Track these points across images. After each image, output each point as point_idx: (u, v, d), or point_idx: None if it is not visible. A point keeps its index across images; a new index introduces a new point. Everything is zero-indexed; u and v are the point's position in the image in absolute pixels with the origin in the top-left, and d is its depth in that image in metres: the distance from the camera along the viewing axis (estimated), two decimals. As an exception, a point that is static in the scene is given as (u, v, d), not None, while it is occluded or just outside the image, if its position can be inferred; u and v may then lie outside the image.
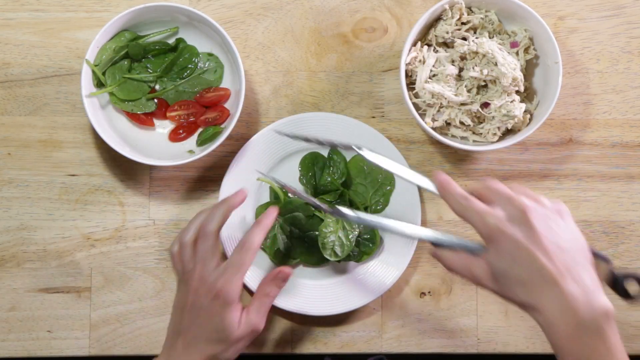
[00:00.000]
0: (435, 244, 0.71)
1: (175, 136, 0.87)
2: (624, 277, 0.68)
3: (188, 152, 0.86)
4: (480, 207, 0.67)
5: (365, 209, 0.87)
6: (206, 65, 0.87)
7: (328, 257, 0.83)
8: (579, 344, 0.62)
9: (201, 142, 0.86)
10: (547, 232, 0.65)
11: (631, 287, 0.68)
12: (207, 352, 0.74)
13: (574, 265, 0.64)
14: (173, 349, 0.75)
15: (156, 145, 0.87)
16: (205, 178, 0.89)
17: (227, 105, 0.88)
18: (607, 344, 0.62)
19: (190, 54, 0.87)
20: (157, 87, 0.88)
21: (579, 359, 0.62)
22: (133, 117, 0.87)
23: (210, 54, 0.87)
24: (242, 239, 0.76)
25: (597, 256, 0.68)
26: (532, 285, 0.64)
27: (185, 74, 0.87)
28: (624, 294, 0.68)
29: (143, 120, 0.87)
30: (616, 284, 0.68)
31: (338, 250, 0.84)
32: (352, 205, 0.87)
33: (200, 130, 0.88)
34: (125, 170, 0.89)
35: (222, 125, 0.87)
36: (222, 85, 0.88)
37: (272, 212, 0.78)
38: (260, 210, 0.87)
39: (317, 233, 0.85)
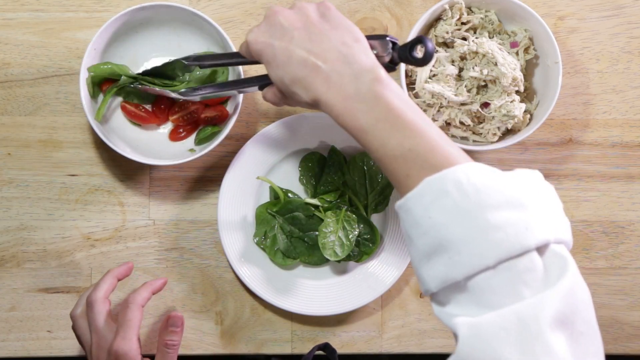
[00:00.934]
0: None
1: (175, 135, 0.87)
2: (407, 46, 0.68)
3: (189, 150, 0.86)
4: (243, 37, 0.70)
5: (366, 209, 0.87)
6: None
7: (328, 257, 0.83)
8: (359, 116, 0.62)
9: (199, 141, 0.86)
10: (302, 25, 0.66)
11: (419, 52, 0.68)
12: None
13: (338, 47, 0.65)
14: None
15: (156, 145, 0.87)
16: (205, 178, 0.89)
17: (226, 104, 0.88)
18: (388, 108, 0.62)
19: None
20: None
21: (366, 128, 0.62)
22: (134, 116, 0.87)
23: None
24: (126, 298, 0.77)
25: (374, 38, 0.69)
26: (301, 79, 0.65)
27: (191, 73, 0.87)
28: (413, 60, 0.68)
29: (145, 119, 0.87)
30: (404, 55, 0.68)
31: (338, 250, 0.84)
32: (352, 205, 0.88)
33: (200, 128, 0.88)
34: (125, 170, 0.89)
35: (221, 125, 0.87)
36: (222, 85, 0.88)
37: (163, 280, 0.81)
38: (260, 210, 0.87)
39: (317, 233, 0.85)
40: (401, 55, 0.69)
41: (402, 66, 0.84)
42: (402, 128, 0.61)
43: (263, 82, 0.74)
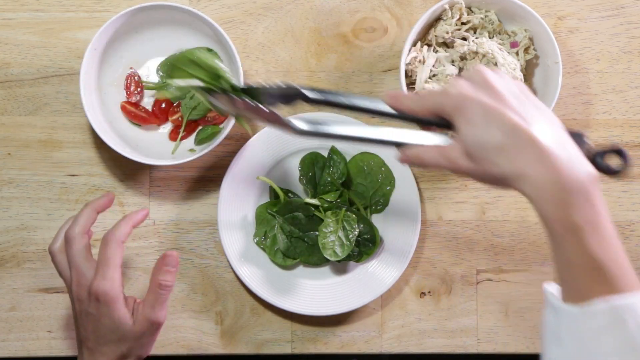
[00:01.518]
0: (400, 146, 0.65)
1: (175, 135, 0.87)
2: (603, 152, 0.64)
3: (189, 150, 0.86)
4: (438, 89, 0.64)
5: (366, 209, 0.87)
6: None
7: (328, 257, 0.83)
8: (565, 207, 0.57)
9: (199, 141, 0.86)
10: (511, 95, 0.61)
11: (612, 161, 0.64)
12: (111, 354, 0.73)
13: (551, 127, 0.60)
14: (80, 358, 0.75)
15: (156, 145, 0.87)
16: (205, 178, 0.89)
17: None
18: (594, 207, 0.57)
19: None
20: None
21: (566, 225, 0.57)
22: (134, 117, 0.87)
23: (209, 49, 0.87)
24: (105, 235, 0.74)
25: (570, 133, 0.63)
26: (510, 148, 0.58)
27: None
28: (607, 170, 0.63)
29: (145, 119, 0.87)
30: (596, 160, 0.64)
31: (338, 250, 0.84)
32: (352, 205, 0.87)
33: (199, 128, 0.88)
34: (125, 170, 0.89)
35: (221, 125, 0.87)
36: (222, 85, 0.88)
37: (143, 211, 0.76)
38: (260, 210, 0.87)
39: (317, 233, 0.85)
40: (591, 158, 0.63)
41: (402, 67, 0.84)
42: (604, 234, 0.57)
43: (397, 141, 0.65)
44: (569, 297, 0.57)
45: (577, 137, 0.63)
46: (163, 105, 0.87)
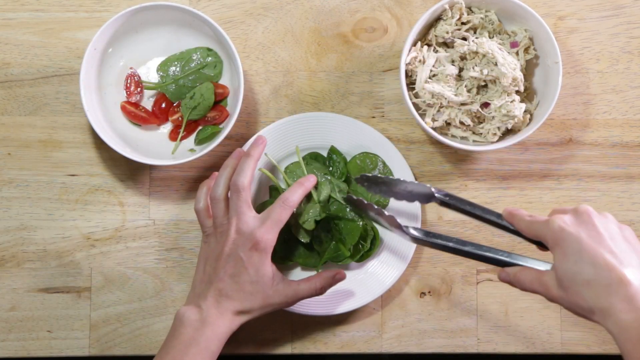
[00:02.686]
0: (504, 265, 0.73)
1: (175, 135, 0.87)
2: None
3: (189, 150, 0.86)
4: (544, 218, 0.69)
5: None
6: (206, 60, 0.87)
7: (307, 228, 0.83)
8: None
9: (199, 141, 0.86)
10: (611, 237, 0.65)
11: None
12: (238, 303, 0.76)
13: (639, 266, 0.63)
14: (202, 297, 0.76)
15: (156, 145, 0.87)
16: (205, 178, 0.89)
17: (226, 104, 0.88)
18: None
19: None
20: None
21: None
22: (134, 117, 0.87)
23: (209, 49, 0.87)
24: (282, 195, 0.79)
25: None
26: (599, 285, 0.63)
27: (186, 68, 0.87)
28: None
29: (145, 119, 0.87)
30: None
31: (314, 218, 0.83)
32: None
33: (199, 128, 0.88)
34: (125, 170, 0.89)
35: (221, 125, 0.87)
36: (222, 84, 0.88)
37: (312, 178, 0.82)
38: (260, 209, 0.87)
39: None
40: None
41: (402, 67, 0.84)
42: None
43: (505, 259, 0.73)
44: None
45: None
46: (163, 105, 0.87)
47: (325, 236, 0.85)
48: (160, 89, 0.87)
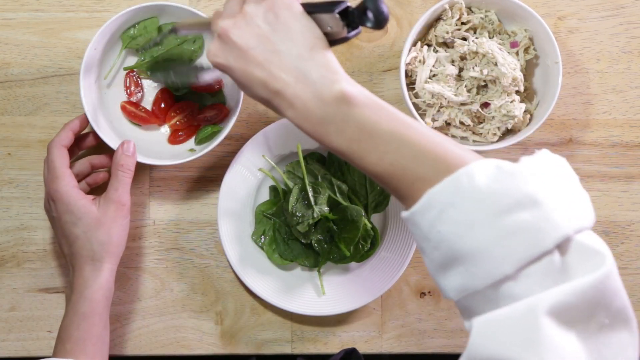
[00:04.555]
0: None
1: (174, 139, 0.87)
2: (358, 9, 0.62)
3: (189, 150, 0.86)
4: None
5: (366, 209, 0.87)
6: (187, 35, 0.87)
7: (300, 230, 0.83)
8: (332, 138, 0.60)
9: (199, 141, 0.86)
10: (256, 42, 0.62)
11: (371, 16, 0.62)
12: (85, 255, 0.77)
13: (295, 64, 0.61)
14: (72, 275, 0.78)
15: (156, 145, 0.87)
16: (205, 178, 0.89)
17: (225, 101, 0.88)
18: (360, 125, 0.59)
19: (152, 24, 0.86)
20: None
21: (343, 150, 0.60)
22: (134, 117, 0.87)
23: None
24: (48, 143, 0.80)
25: (322, 10, 0.62)
26: (267, 101, 0.63)
27: (162, 43, 0.86)
28: (369, 25, 0.62)
29: (145, 119, 0.87)
30: (356, 23, 0.62)
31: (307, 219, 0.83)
32: (352, 203, 0.87)
33: (200, 128, 0.88)
34: (125, 170, 0.89)
35: (221, 125, 0.87)
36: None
37: (80, 117, 0.82)
38: (260, 209, 0.87)
39: (318, 236, 0.85)
40: (353, 23, 0.63)
41: (402, 67, 0.84)
42: (378, 143, 0.58)
43: None
44: (407, 204, 0.58)
45: (330, 12, 0.62)
46: (162, 105, 0.87)
47: (325, 236, 0.85)
48: (139, 68, 0.87)
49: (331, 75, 0.61)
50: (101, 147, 0.84)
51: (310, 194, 0.83)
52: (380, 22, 0.61)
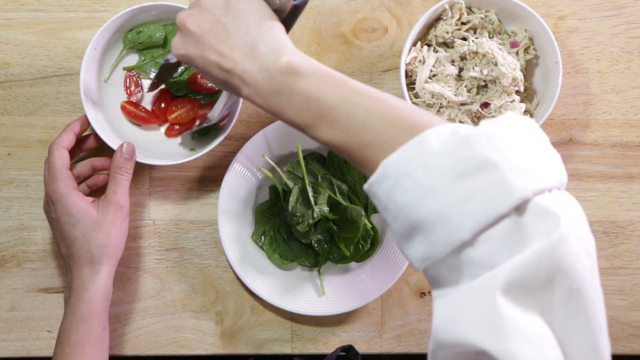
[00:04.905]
0: None
1: (170, 132, 0.87)
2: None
3: (189, 150, 0.86)
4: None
5: (365, 209, 0.87)
6: None
7: (300, 230, 0.83)
8: (284, 111, 0.61)
9: (197, 139, 0.86)
10: (209, 27, 0.63)
11: None
12: (83, 257, 0.77)
13: (243, 41, 0.62)
14: (70, 277, 0.78)
15: (156, 145, 0.87)
16: (205, 178, 0.89)
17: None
18: (307, 95, 0.59)
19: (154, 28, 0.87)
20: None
21: (297, 123, 0.60)
22: (134, 117, 0.87)
23: (173, 24, 0.87)
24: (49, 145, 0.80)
25: None
26: (224, 83, 0.64)
27: (164, 47, 0.87)
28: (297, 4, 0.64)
29: (145, 119, 0.87)
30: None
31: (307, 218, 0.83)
32: (352, 203, 0.87)
33: (197, 122, 0.88)
34: (125, 170, 0.89)
35: (222, 124, 0.87)
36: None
37: (81, 119, 0.82)
38: (260, 209, 0.87)
39: (317, 237, 0.85)
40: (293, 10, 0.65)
41: (402, 67, 0.84)
42: (326, 112, 0.58)
43: None
44: (368, 174, 0.57)
45: None
46: (162, 105, 0.87)
47: (325, 236, 0.85)
48: (139, 69, 0.87)
49: (278, 48, 0.61)
50: (103, 149, 0.84)
51: (310, 194, 0.83)
52: None
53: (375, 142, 0.56)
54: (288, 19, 0.66)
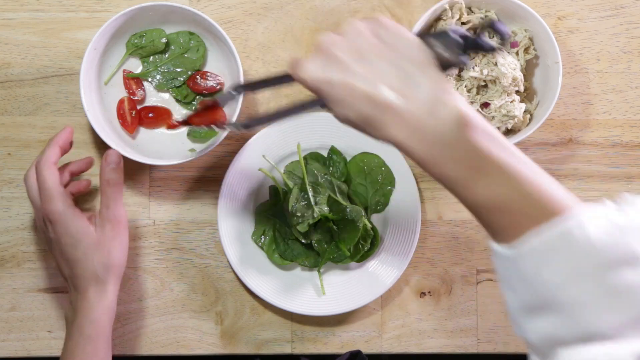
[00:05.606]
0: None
1: (169, 125, 0.87)
2: (479, 34, 0.59)
3: (189, 150, 0.86)
4: (293, 62, 0.61)
5: (366, 209, 0.87)
6: (189, 44, 0.87)
7: (300, 230, 0.83)
8: (444, 163, 0.56)
9: (193, 135, 0.86)
10: (361, 56, 0.58)
11: (489, 39, 0.61)
12: (88, 278, 0.76)
13: (401, 78, 0.57)
14: (70, 299, 0.78)
15: (156, 145, 0.87)
16: (205, 178, 0.89)
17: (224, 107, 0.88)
18: (475, 150, 0.55)
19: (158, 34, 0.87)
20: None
21: (454, 178, 0.56)
22: (142, 120, 0.87)
23: (191, 33, 0.87)
24: (36, 163, 0.77)
25: (435, 37, 0.60)
26: (371, 119, 0.57)
27: (167, 54, 0.87)
28: (487, 49, 0.59)
29: (149, 122, 0.87)
30: (476, 42, 0.59)
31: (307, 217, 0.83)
32: (352, 204, 0.87)
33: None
34: (125, 170, 0.88)
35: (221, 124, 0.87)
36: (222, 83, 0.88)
37: (66, 130, 0.80)
38: (260, 209, 0.87)
39: (317, 237, 0.85)
40: (470, 47, 0.59)
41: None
42: (495, 174, 0.55)
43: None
44: (501, 238, 0.55)
45: (443, 37, 0.59)
46: (133, 113, 0.87)
47: (325, 236, 0.85)
48: (143, 77, 0.87)
49: (446, 94, 0.57)
50: (78, 147, 0.83)
51: (310, 194, 0.83)
52: (504, 42, 0.60)
53: (529, 214, 0.53)
54: (444, 69, 0.60)
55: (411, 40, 0.59)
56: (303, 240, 0.85)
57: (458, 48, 0.59)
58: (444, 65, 0.59)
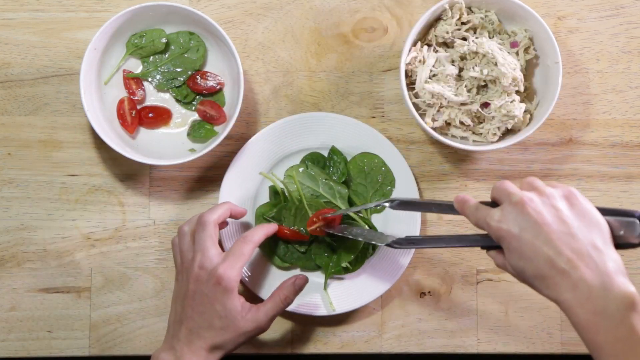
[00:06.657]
0: (485, 248, 0.72)
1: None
2: None
3: (189, 150, 0.86)
4: (485, 213, 0.68)
5: (366, 209, 0.87)
6: (189, 44, 0.87)
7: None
8: (600, 332, 0.61)
9: (193, 135, 0.86)
10: (551, 220, 0.64)
11: None
12: (210, 340, 0.75)
13: (587, 250, 0.63)
14: (176, 338, 0.76)
15: (156, 145, 0.87)
16: (205, 178, 0.89)
17: (224, 103, 0.88)
18: (632, 332, 0.60)
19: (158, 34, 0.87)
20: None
21: (604, 348, 0.61)
22: (124, 124, 0.87)
23: (191, 33, 0.87)
24: (244, 233, 0.78)
25: (618, 214, 0.66)
26: (544, 277, 0.64)
27: (167, 54, 0.87)
28: None
29: (149, 123, 0.87)
30: None
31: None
32: (351, 204, 0.87)
33: (193, 119, 0.88)
34: (125, 170, 0.89)
35: (220, 126, 0.87)
36: (222, 82, 0.88)
37: (275, 226, 0.83)
38: (260, 210, 0.87)
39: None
40: None
41: (402, 67, 0.84)
42: (637, 354, 0.60)
43: (488, 243, 0.70)
44: None
45: (628, 219, 0.66)
46: (134, 113, 0.87)
47: (326, 250, 0.86)
48: (143, 77, 0.87)
49: (619, 274, 0.63)
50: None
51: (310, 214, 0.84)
52: None
53: None
54: (618, 248, 0.67)
55: (598, 218, 0.66)
56: (302, 252, 0.86)
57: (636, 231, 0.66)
58: (621, 245, 0.66)
